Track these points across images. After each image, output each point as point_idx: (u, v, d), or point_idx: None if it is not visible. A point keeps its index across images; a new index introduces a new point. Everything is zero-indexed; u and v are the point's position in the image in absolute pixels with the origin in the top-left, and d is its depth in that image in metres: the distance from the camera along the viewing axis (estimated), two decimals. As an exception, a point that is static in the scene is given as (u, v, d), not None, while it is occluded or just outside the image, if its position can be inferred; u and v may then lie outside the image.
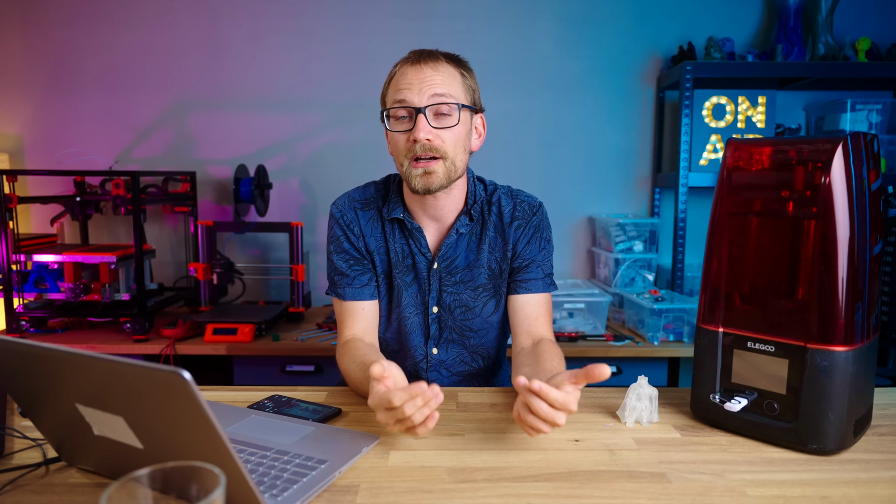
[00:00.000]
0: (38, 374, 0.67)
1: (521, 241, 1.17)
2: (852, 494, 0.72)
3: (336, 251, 1.18)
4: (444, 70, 1.07)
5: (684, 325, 1.91)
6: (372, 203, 1.19)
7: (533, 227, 1.17)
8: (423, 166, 1.05)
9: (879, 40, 2.30)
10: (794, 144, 0.83)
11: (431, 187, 1.07)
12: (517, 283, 1.17)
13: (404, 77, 1.06)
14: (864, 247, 0.80)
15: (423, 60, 1.07)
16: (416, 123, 1.04)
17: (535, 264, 1.17)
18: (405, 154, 1.06)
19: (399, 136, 1.07)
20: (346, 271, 1.16)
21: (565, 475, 0.77)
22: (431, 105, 1.04)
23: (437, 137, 1.05)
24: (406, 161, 1.07)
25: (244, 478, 0.58)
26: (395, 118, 1.07)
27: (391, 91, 1.08)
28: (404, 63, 1.08)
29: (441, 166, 1.06)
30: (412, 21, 2.31)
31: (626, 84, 2.38)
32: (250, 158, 2.33)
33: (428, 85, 1.04)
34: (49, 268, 1.95)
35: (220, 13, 2.30)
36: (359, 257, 1.17)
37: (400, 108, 1.05)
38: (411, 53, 1.09)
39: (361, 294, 1.16)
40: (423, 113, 1.03)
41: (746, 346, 0.88)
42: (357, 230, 1.17)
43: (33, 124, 2.33)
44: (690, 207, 2.24)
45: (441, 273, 1.17)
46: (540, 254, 1.18)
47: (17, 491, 0.72)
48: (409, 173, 1.07)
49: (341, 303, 1.17)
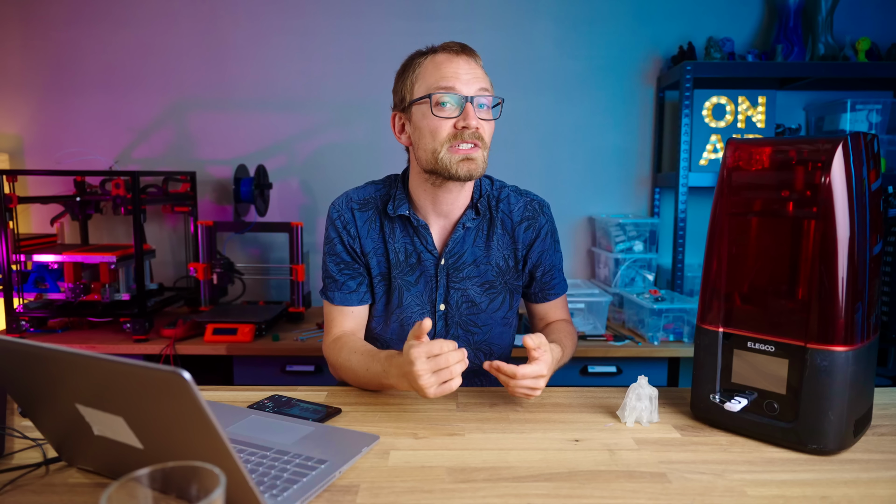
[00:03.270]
0: (38, 374, 0.67)
1: (535, 246, 1.21)
2: (852, 494, 0.72)
3: (329, 253, 1.19)
4: (481, 65, 1.11)
5: (684, 325, 1.91)
6: (370, 203, 1.19)
7: (547, 233, 1.22)
8: (464, 153, 1.06)
9: (879, 40, 2.30)
10: (794, 144, 0.83)
11: (474, 173, 1.08)
12: (545, 292, 1.24)
13: (450, 65, 1.07)
14: (864, 247, 0.80)
15: (467, 53, 1.09)
16: (464, 111, 1.05)
17: (556, 269, 1.25)
18: (445, 140, 1.06)
19: (443, 123, 1.06)
20: (336, 276, 1.18)
21: (565, 475, 0.77)
22: (478, 97, 1.07)
23: (482, 127, 1.07)
24: (443, 148, 1.06)
25: (244, 478, 0.58)
26: (437, 105, 1.07)
27: (430, 78, 1.07)
28: (446, 52, 1.08)
29: (481, 154, 1.08)
30: (412, 21, 2.31)
31: (626, 84, 2.38)
32: (250, 158, 2.32)
33: (474, 77, 1.07)
34: (49, 268, 1.95)
35: (221, 13, 2.30)
36: (350, 261, 1.18)
37: (446, 94, 1.06)
38: (452, 44, 1.09)
39: (349, 300, 1.18)
40: (471, 102, 1.05)
41: (746, 346, 0.88)
42: (353, 231, 1.17)
43: (33, 124, 2.32)
44: (690, 207, 2.24)
45: (448, 269, 1.17)
46: (556, 257, 1.25)
47: (17, 491, 0.72)
48: (449, 160, 1.06)
49: (330, 305, 1.19)
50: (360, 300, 1.18)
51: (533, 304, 1.27)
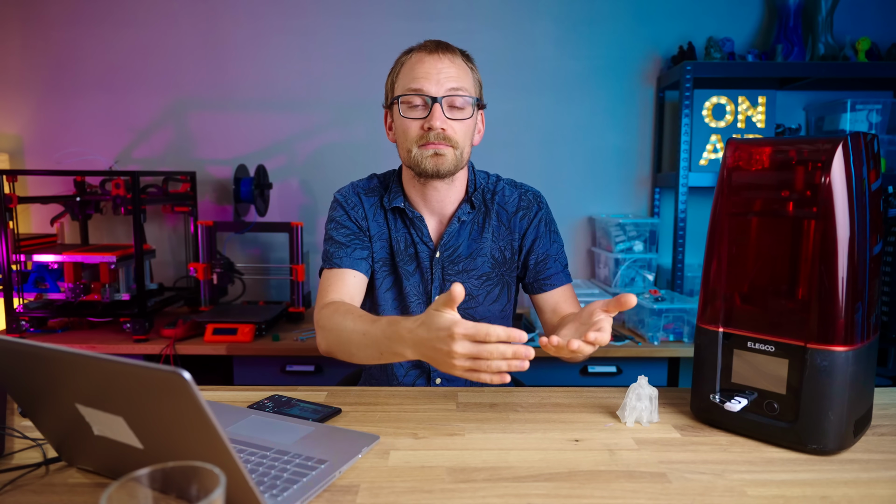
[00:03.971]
0: (38, 374, 0.67)
1: (528, 234, 1.20)
2: (852, 494, 0.72)
3: (335, 228, 1.18)
4: (458, 63, 1.09)
5: (684, 325, 1.91)
6: (375, 192, 1.21)
7: (542, 222, 1.21)
8: (433, 148, 1.07)
9: (879, 40, 2.30)
10: (794, 144, 0.83)
11: (441, 168, 1.08)
12: (540, 281, 1.20)
13: (422, 66, 1.07)
14: (864, 247, 0.80)
15: (441, 51, 1.08)
16: (431, 112, 1.05)
17: (552, 258, 1.21)
18: (415, 140, 1.08)
19: (411, 123, 1.08)
20: (347, 243, 1.16)
21: (565, 475, 0.77)
22: (448, 96, 1.06)
23: (450, 128, 1.07)
24: (415, 146, 1.08)
25: (244, 478, 0.58)
26: (407, 105, 1.08)
27: (404, 78, 1.08)
28: (420, 51, 1.09)
29: (451, 152, 1.08)
30: (412, 21, 2.31)
31: (625, 84, 2.38)
32: (250, 158, 2.33)
33: (445, 76, 1.06)
34: (49, 268, 1.95)
35: (221, 13, 2.30)
36: (358, 231, 1.18)
37: (415, 95, 1.06)
38: (427, 43, 1.09)
39: (358, 265, 1.15)
40: (440, 103, 1.05)
41: (746, 346, 0.88)
42: (361, 212, 1.19)
43: (33, 124, 2.32)
44: (690, 207, 2.24)
45: (444, 262, 1.18)
46: (552, 247, 1.22)
47: (17, 491, 0.72)
48: (419, 156, 1.08)
49: (332, 272, 1.14)
50: (366, 269, 1.16)
51: (534, 295, 1.22)
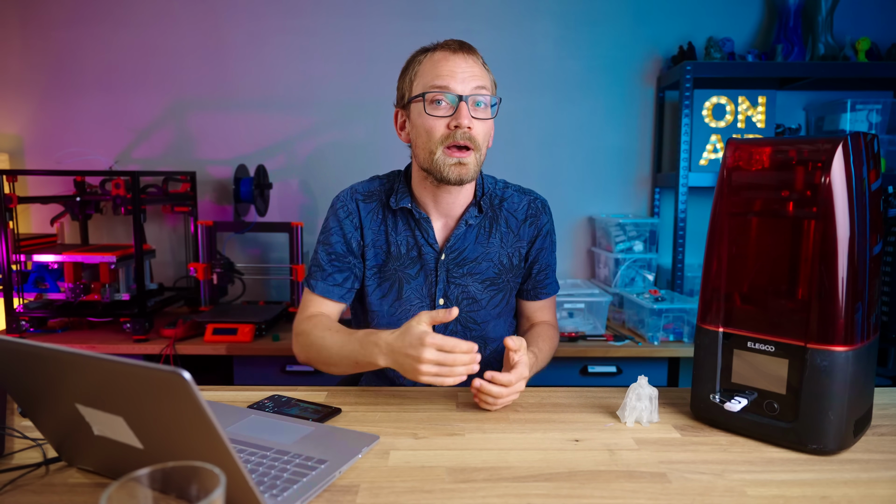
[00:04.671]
0: (38, 374, 0.67)
1: (536, 243, 1.22)
2: (852, 494, 0.72)
3: (323, 242, 1.19)
4: (481, 64, 1.10)
5: (684, 325, 1.91)
6: (375, 196, 1.20)
7: (548, 232, 1.23)
8: (457, 156, 1.06)
9: (879, 40, 2.30)
10: (794, 144, 0.83)
11: (465, 178, 1.08)
12: (537, 290, 1.24)
13: (446, 63, 1.06)
14: (864, 247, 0.80)
15: (465, 51, 1.08)
16: (458, 110, 1.04)
17: (551, 269, 1.25)
18: (440, 140, 1.06)
19: (437, 122, 1.06)
20: (325, 266, 1.17)
21: (565, 475, 0.77)
22: (473, 95, 1.06)
23: (474, 128, 1.06)
24: (439, 148, 1.06)
25: (244, 478, 0.58)
26: (431, 103, 1.06)
27: (427, 76, 1.07)
28: (444, 50, 1.08)
29: (473, 158, 1.07)
30: (412, 21, 2.31)
31: (625, 84, 2.37)
32: (250, 158, 2.32)
33: (471, 75, 1.06)
34: (49, 268, 1.95)
35: (221, 13, 2.30)
36: (342, 254, 1.17)
37: (441, 93, 1.05)
38: (450, 42, 1.09)
39: (331, 292, 1.16)
40: (466, 101, 1.05)
41: (746, 346, 0.88)
42: (356, 221, 1.18)
43: (33, 124, 2.32)
44: (690, 207, 2.24)
45: (449, 265, 1.17)
46: (552, 256, 1.25)
47: (17, 491, 0.72)
48: (442, 163, 1.06)
49: (310, 293, 1.18)
50: (340, 296, 1.17)
51: (524, 300, 1.27)
